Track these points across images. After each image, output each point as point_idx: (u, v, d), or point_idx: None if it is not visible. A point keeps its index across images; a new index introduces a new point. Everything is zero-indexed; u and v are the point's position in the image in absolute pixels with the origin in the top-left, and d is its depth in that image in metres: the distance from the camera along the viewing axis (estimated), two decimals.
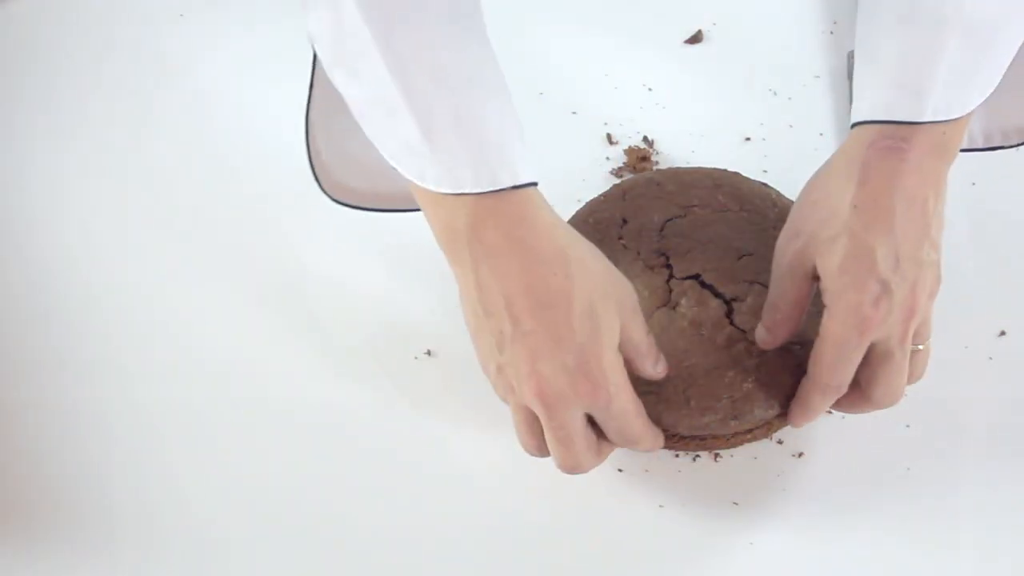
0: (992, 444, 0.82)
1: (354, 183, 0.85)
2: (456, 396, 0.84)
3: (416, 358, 0.86)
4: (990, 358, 0.85)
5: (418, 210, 0.75)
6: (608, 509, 0.81)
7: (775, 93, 0.98)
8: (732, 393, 0.76)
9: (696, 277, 0.80)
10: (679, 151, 0.94)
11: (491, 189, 0.69)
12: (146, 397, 0.86)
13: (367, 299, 0.88)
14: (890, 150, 0.71)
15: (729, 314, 0.78)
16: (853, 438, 0.82)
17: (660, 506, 0.81)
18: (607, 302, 0.71)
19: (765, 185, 0.84)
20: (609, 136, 0.96)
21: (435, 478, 0.82)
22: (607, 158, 0.95)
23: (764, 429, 0.82)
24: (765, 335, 0.76)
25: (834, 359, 0.73)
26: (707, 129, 0.96)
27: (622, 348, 0.73)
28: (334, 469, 0.82)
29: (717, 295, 0.79)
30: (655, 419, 0.76)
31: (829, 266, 0.71)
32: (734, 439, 0.81)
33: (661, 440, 0.77)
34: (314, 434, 0.84)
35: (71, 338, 0.88)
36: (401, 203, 0.82)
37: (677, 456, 0.82)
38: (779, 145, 0.95)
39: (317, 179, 0.83)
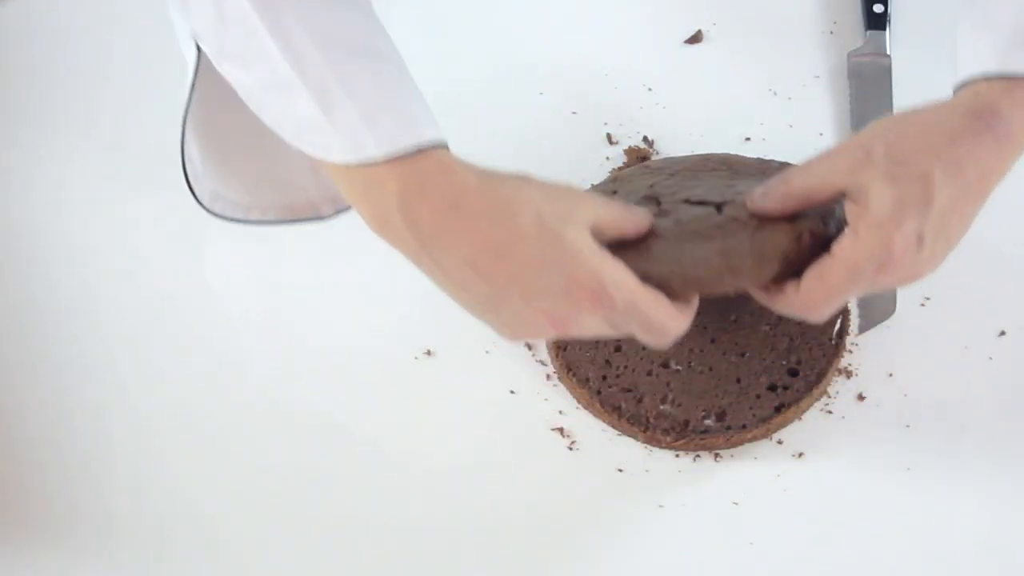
0: (992, 444, 0.82)
1: (232, 194, 0.83)
2: (456, 396, 0.84)
3: (416, 358, 0.86)
4: (990, 358, 0.85)
5: (298, 220, 0.77)
6: (608, 509, 0.81)
7: (775, 93, 0.99)
8: (724, 246, 0.73)
9: (685, 201, 0.78)
10: (679, 151, 0.94)
11: (393, 150, 0.69)
12: (146, 399, 0.86)
13: (367, 299, 0.88)
14: (989, 127, 0.70)
15: (719, 211, 0.76)
16: (853, 438, 0.82)
17: (660, 506, 0.81)
18: (557, 213, 0.70)
19: (760, 159, 0.84)
20: (609, 136, 0.96)
21: (435, 478, 0.82)
22: (607, 158, 0.95)
23: (764, 429, 0.82)
24: (761, 198, 0.74)
25: (838, 287, 0.72)
26: (707, 129, 0.96)
27: (605, 233, 0.72)
28: (334, 469, 0.82)
29: (706, 204, 0.77)
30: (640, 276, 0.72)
31: (883, 193, 0.70)
32: (734, 439, 0.81)
33: (688, 315, 0.74)
34: (314, 434, 0.84)
35: (69, 339, 0.88)
36: (282, 214, 0.82)
37: (677, 456, 0.82)
38: (779, 145, 0.95)
39: (191, 189, 0.81)
